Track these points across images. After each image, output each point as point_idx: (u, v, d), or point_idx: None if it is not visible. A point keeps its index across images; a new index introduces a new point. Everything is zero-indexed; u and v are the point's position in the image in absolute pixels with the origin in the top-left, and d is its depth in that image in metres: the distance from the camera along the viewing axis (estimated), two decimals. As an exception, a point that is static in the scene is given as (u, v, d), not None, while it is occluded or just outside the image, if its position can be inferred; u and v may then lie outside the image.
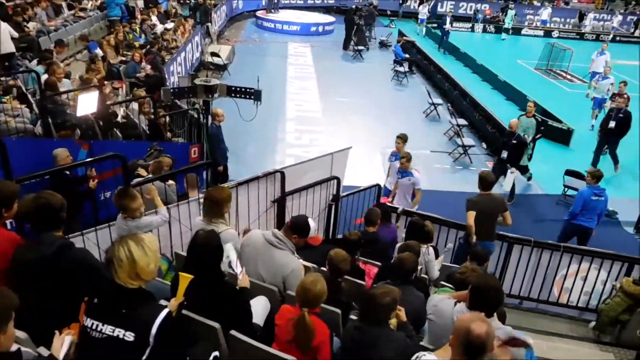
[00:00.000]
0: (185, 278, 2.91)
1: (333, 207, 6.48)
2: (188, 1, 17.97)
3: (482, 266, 5.09)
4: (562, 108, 13.53)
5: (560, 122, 12.40)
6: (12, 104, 7.13)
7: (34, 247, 2.87)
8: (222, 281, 3.19)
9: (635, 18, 28.99)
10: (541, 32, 25.78)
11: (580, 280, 6.62)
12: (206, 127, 6.28)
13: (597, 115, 13.16)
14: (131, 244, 2.50)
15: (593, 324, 6.12)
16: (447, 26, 21.49)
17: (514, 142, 9.04)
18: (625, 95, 11.15)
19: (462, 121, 12.45)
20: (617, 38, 27.11)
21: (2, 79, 8.11)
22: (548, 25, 26.69)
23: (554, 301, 6.81)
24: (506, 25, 25.32)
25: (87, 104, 6.64)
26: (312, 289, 3.11)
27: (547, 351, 5.29)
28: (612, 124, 10.42)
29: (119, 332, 2.37)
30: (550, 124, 12.33)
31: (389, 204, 7.08)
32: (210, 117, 7.51)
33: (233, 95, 5.77)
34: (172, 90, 6.32)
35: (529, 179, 10.25)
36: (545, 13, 27.33)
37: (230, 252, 3.45)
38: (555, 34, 25.76)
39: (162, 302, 2.86)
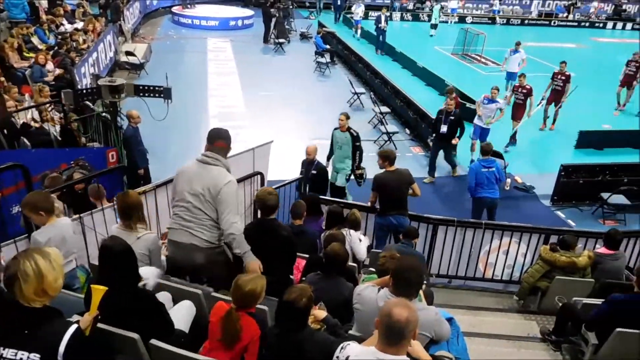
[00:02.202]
0: (98, 290, 2.75)
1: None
2: (97, -1, 17.16)
3: (412, 242, 5.23)
4: (478, 90, 13.98)
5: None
6: None
7: None
8: (138, 289, 3.05)
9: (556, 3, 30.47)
10: (456, 19, 26.58)
11: (503, 255, 6.91)
12: (115, 130, 5.96)
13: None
14: (37, 257, 2.32)
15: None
16: (383, 24, 19.68)
17: (314, 172, 7.79)
18: (454, 95, 10.28)
19: (385, 109, 12.67)
20: (526, 22, 28.57)
21: None
22: (456, 13, 27.03)
23: (480, 277, 7.07)
24: (433, 21, 24.08)
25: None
26: (242, 288, 3.04)
27: (476, 325, 5.48)
28: (443, 129, 9.58)
29: (22, 355, 2.19)
30: (468, 106, 12.75)
31: None
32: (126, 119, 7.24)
33: (141, 94, 5.52)
34: (75, 93, 5.93)
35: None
36: (454, 2, 27.48)
37: (149, 280, 3.35)
38: (469, 19, 26.71)
39: (76, 317, 2.71)
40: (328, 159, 8.50)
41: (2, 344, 2.22)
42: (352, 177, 8.35)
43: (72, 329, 2.30)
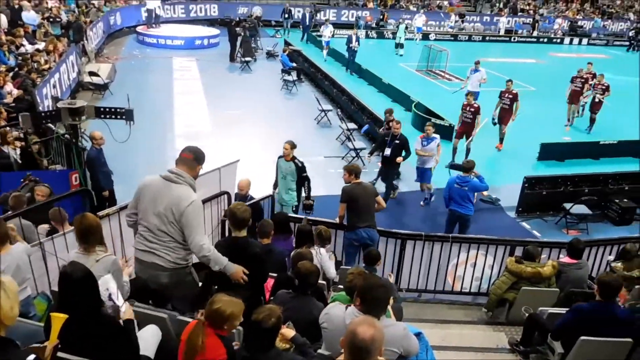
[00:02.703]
0: (58, 318, 2.68)
1: (226, 222, 6.32)
2: (59, 19, 16.85)
3: (374, 266, 5.21)
4: (443, 105, 14.29)
5: (443, 119, 13.08)
6: None
7: None
8: (100, 315, 2.96)
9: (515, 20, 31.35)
10: (420, 37, 27.03)
11: (470, 267, 7.00)
12: (77, 152, 5.84)
13: None
14: None
15: (485, 305, 6.49)
16: (354, 44, 19.40)
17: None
18: (396, 121, 9.65)
19: (351, 125, 12.78)
20: (487, 38, 29.36)
21: None
22: (421, 32, 27.24)
23: (449, 290, 7.14)
24: (398, 40, 23.76)
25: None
26: (212, 305, 3.02)
27: (445, 338, 5.52)
28: (387, 152, 9.30)
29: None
30: (433, 121, 12.96)
31: None
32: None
33: (103, 116, 5.43)
34: (34, 116, 5.81)
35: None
36: (420, 20, 27.38)
37: (109, 284, 3.24)
38: (432, 36, 27.27)
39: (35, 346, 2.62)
40: (274, 187, 8.07)
41: None
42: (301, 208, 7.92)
43: (30, 359, 2.24)
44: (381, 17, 28.62)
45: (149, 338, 3.38)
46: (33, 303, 3.96)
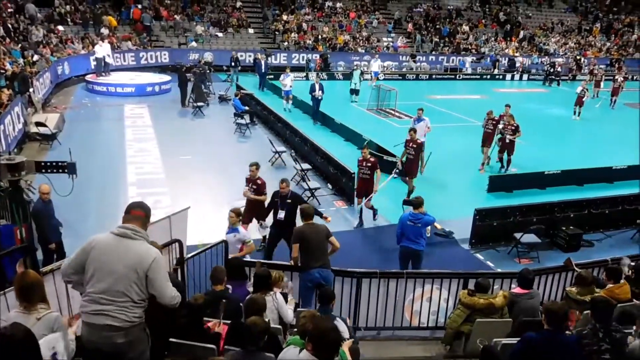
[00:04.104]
0: None
1: (179, 271, 6.20)
2: (3, 70, 16.53)
3: (329, 306, 5.19)
4: (393, 142, 14.59)
5: (394, 155, 13.35)
6: None
7: None
8: None
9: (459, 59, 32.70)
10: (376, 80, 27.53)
11: (427, 302, 7.05)
12: (20, 206, 5.67)
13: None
14: None
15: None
16: (318, 93, 18.49)
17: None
18: (285, 184, 8.50)
19: (306, 165, 12.88)
20: (434, 76, 30.50)
21: None
22: (379, 76, 26.97)
23: (407, 326, 7.16)
24: (354, 87, 22.58)
25: None
26: None
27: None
28: (281, 215, 8.36)
29: None
30: (385, 159, 13.23)
31: None
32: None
33: (44, 171, 5.31)
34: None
35: None
36: (376, 65, 27.33)
37: (56, 344, 3.11)
38: (381, 76, 28.07)
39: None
40: None
41: None
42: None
43: None
44: (321, 58, 29.25)
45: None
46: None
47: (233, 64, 25.29)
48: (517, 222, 10.03)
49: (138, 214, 3.74)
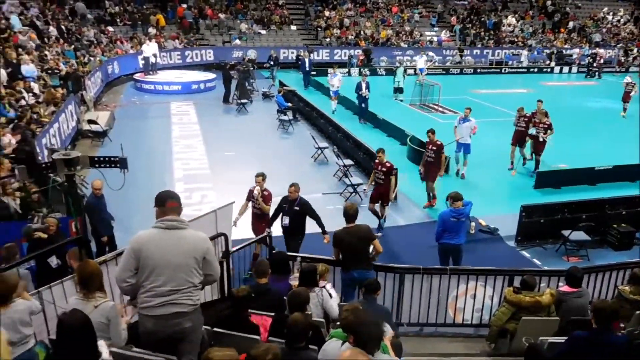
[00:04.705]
0: None
1: (224, 264, 6.35)
2: (58, 71, 17.23)
3: (374, 297, 5.23)
4: (438, 135, 14.37)
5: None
6: None
7: None
8: None
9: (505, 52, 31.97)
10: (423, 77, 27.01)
11: (471, 299, 6.97)
12: (74, 200, 5.94)
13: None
14: None
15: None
16: (364, 92, 17.87)
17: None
18: (294, 188, 8.11)
19: (348, 161, 12.90)
20: (478, 70, 29.88)
21: None
22: (424, 72, 25.52)
23: (450, 322, 7.09)
24: (398, 85, 21.77)
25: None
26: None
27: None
28: (285, 221, 7.98)
29: None
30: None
31: None
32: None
33: (97, 165, 5.55)
34: (30, 168, 5.94)
35: None
36: (422, 61, 25.72)
37: (102, 349, 3.27)
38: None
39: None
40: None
41: None
42: None
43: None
44: (364, 53, 29.02)
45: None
46: (37, 352, 3.99)
47: (272, 62, 25.15)
48: (566, 219, 9.76)
49: (174, 205, 3.88)
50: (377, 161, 10.09)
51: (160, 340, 3.80)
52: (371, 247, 6.47)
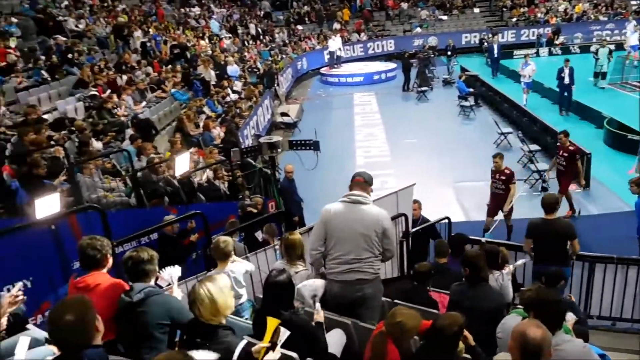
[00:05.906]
0: (273, 322, 2.98)
1: (404, 243, 6.66)
2: (256, 69, 19.24)
3: (556, 287, 5.05)
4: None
5: (639, 133, 11.86)
6: (108, 181, 8.00)
7: (128, 293, 3.25)
8: (293, 317, 3.39)
9: None
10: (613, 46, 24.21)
11: (675, 295, 6.29)
12: (274, 182, 6.78)
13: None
14: (209, 285, 2.94)
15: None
16: (567, 80, 15.26)
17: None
18: (414, 200, 7.59)
19: (534, 147, 12.25)
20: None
21: (100, 160, 8.91)
22: (638, 50, 20.82)
23: (650, 319, 6.48)
24: (600, 69, 18.47)
25: (182, 164, 7.59)
26: (393, 318, 3.26)
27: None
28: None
29: (207, 356, 2.69)
30: (630, 137, 11.87)
31: None
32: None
33: (295, 148, 6.26)
34: (240, 151, 6.91)
35: None
36: (634, 37, 20.93)
37: (317, 290, 3.83)
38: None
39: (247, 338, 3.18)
40: None
41: (192, 348, 2.79)
42: None
43: (243, 342, 2.85)
44: (553, 33, 26.53)
45: (335, 340, 3.84)
46: (249, 308, 4.74)
47: (449, 52, 24.32)
48: None
49: (358, 180, 4.28)
50: (493, 169, 8.58)
51: (342, 305, 4.21)
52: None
